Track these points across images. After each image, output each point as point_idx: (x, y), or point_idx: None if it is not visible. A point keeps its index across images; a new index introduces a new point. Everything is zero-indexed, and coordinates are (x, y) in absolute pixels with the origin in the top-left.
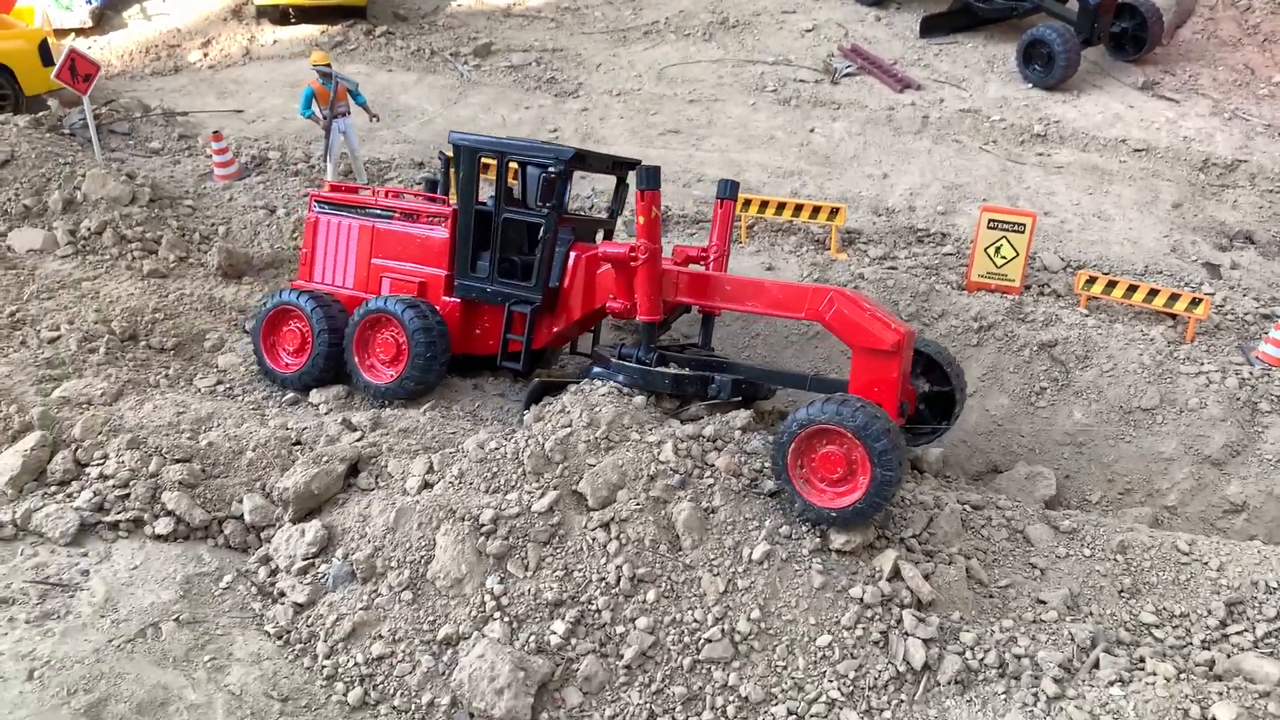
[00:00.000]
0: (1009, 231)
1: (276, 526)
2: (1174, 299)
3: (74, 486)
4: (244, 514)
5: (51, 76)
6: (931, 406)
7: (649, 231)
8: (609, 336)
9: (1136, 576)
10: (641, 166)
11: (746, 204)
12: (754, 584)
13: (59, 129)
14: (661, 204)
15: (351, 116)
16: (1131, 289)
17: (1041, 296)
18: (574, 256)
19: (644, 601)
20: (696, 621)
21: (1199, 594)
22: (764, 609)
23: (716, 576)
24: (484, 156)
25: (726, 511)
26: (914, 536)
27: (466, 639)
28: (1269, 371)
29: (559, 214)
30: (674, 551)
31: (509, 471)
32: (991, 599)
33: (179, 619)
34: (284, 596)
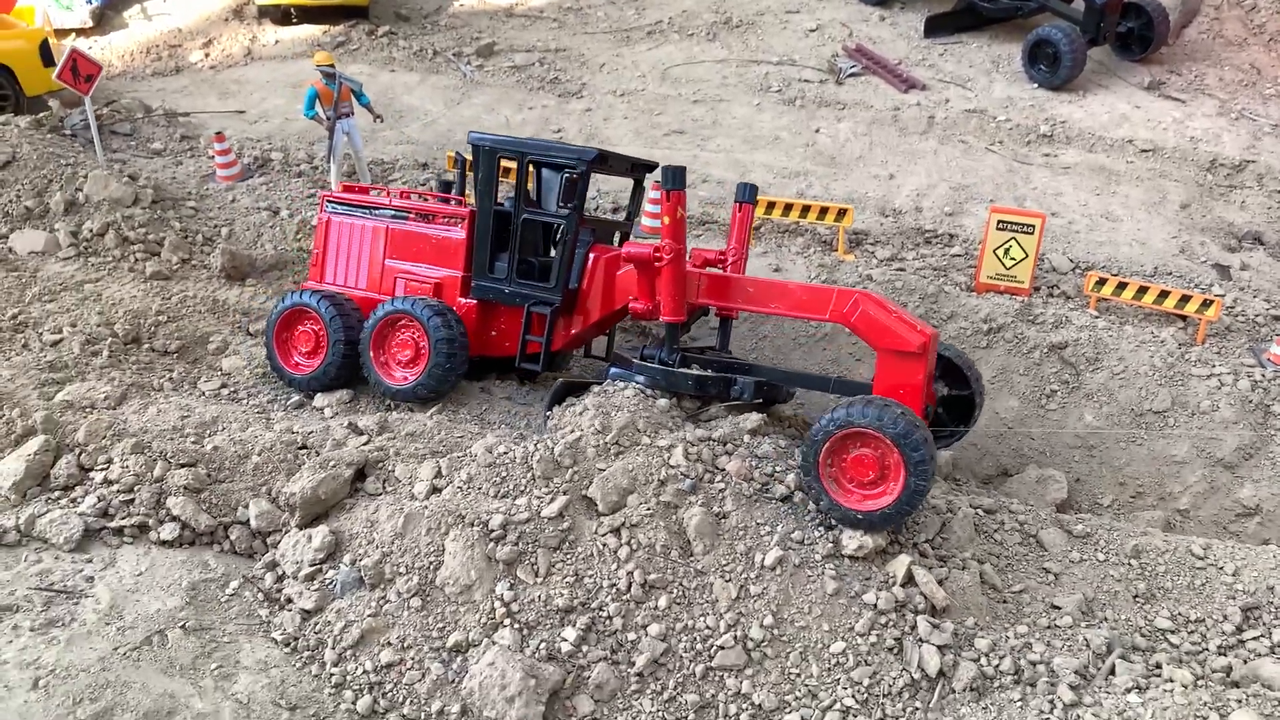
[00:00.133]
0: (1018, 233)
1: (283, 532)
2: (1185, 301)
3: (78, 491)
4: (250, 519)
5: (53, 77)
6: (949, 409)
7: (674, 232)
8: (619, 340)
9: (1151, 581)
10: (666, 167)
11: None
12: (766, 590)
13: (60, 130)
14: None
15: (355, 117)
16: (1142, 290)
17: (1051, 298)
18: (593, 258)
19: (656, 608)
20: (709, 628)
21: (1214, 599)
22: (777, 615)
23: (729, 582)
24: (504, 157)
25: (738, 516)
26: (927, 541)
27: (476, 646)
28: None
29: (579, 215)
30: (685, 557)
31: (518, 476)
32: (1005, 604)
33: (185, 626)
34: (291, 603)
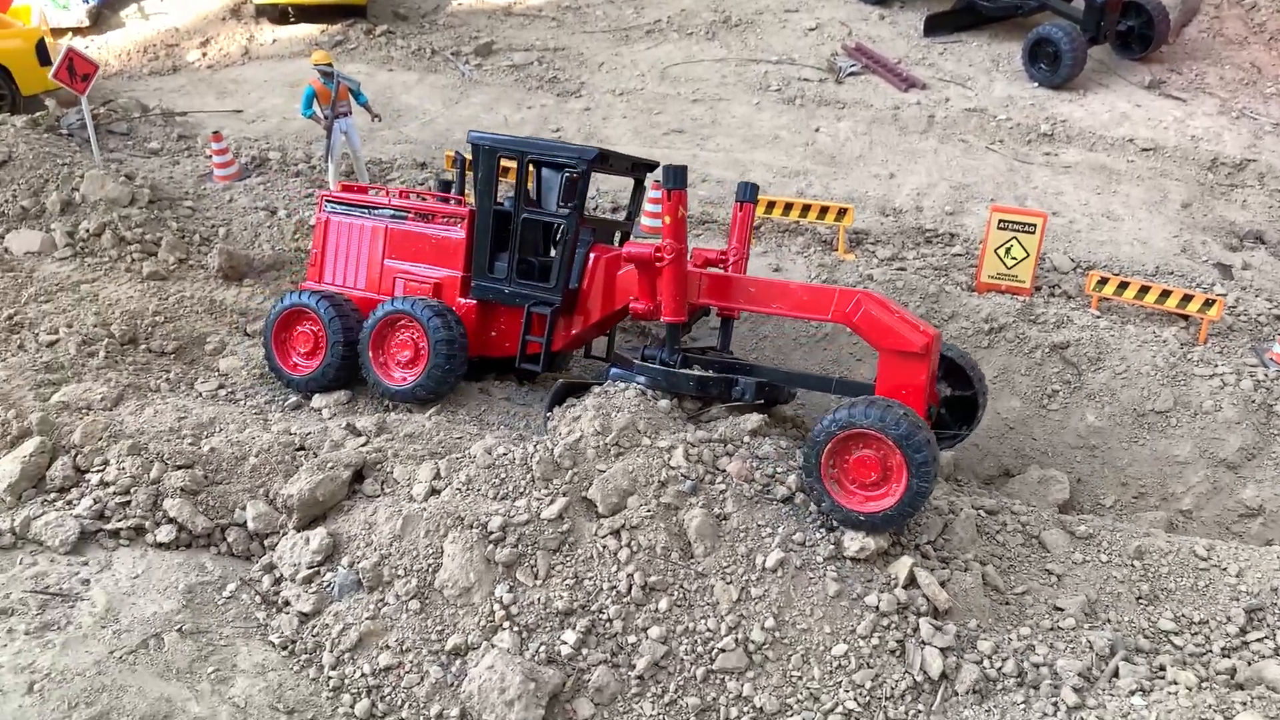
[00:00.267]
0: (1019, 232)
1: (280, 534)
2: (1187, 300)
3: (74, 493)
4: (247, 521)
5: (49, 76)
6: (952, 410)
7: (675, 231)
8: (620, 340)
9: (1154, 583)
10: (667, 166)
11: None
12: (768, 592)
13: (56, 129)
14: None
15: (353, 116)
16: (1143, 290)
17: (1052, 298)
18: (593, 258)
19: (656, 610)
20: (710, 630)
21: (1218, 600)
22: (778, 618)
23: (729, 584)
24: (504, 156)
25: (739, 518)
26: (929, 543)
27: (475, 649)
28: None
29: (580, 215)
30: (686, 559)
31: (517, 478)
32: (1008, 606)
33: (182, 629)
34: (288, 606)
